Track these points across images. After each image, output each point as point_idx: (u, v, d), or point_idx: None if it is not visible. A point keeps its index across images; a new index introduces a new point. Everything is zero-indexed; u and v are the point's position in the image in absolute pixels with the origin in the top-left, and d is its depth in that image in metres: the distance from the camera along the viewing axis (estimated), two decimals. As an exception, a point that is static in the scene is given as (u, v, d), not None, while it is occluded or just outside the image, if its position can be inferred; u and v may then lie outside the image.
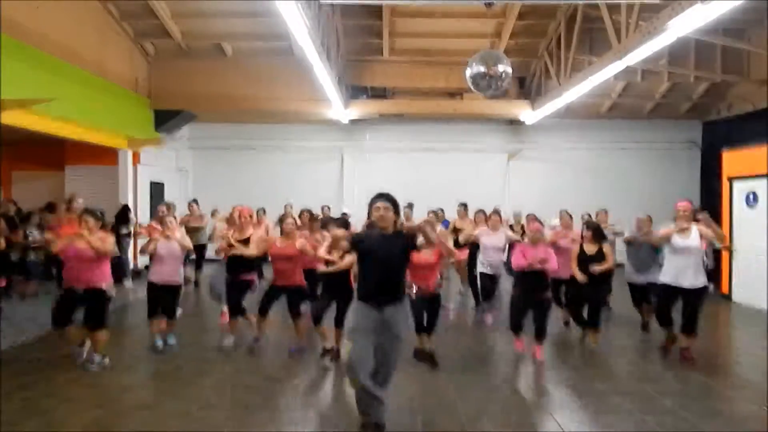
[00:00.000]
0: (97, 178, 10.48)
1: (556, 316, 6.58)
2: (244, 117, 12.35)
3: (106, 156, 10.15)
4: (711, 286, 5.57)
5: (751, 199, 8.31)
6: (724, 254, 8.87)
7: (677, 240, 5.10)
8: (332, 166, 13.24)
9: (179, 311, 5.78)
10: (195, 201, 9.43)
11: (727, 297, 8.68)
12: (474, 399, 4.34)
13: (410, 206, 8.68)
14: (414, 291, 5.04)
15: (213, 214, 8.98)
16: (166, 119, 10.96)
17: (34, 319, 6.76)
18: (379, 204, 3.58)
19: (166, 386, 4.64)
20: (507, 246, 6.79)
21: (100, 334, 4.92)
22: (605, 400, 4.35)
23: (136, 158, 10.54)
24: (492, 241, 6.72)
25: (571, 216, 6.98)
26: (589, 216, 7.93)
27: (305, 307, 5.62)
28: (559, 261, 5.87)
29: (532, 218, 7.00)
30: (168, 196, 11.31)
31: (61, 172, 10.67)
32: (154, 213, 7.58)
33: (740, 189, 8.56)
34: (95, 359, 4.95)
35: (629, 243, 6.27)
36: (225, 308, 5.98)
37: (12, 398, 4.20)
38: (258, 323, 5.56)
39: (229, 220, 6.57)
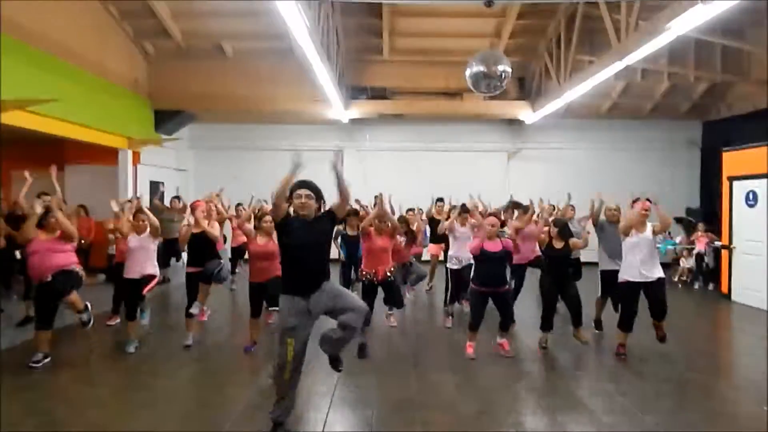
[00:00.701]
0: (97, 178, 10.49)
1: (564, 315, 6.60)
2: (244, 117, 12.36)
3: (106, 156, 10.15)
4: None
5: (751, 199, 8.31)
6: (724, 254, 8.88)
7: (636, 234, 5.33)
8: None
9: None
10: (178, 197, 9.40)
11: (727, 297, 8.68)
12: (474, 399, 4.34)
13: (440, 200, 8.93)
14: (366, 277, 5.14)
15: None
16: (166, 119, 10.98)
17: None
18: (301, 191, 3.62)
19: (165, 386, 4.64)
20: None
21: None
22: (605, 400, 4.35)
23: (136, 158, 10.54)
24: (463, 234, 6.64)
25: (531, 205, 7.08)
26: (552, 206, 7.70)
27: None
28: (524, 247, 6.10)
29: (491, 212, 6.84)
30: (168, 196, 11.30)
31: (61, 172, 10.64)
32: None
33: (740, 189, 8.56)
34: (84, 317, 5.36)
35: (596, 226, 6.18)
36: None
37: (12, 398, 4.20)
38: (254, 327, 5.53)
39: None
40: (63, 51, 8.00)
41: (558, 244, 5.61)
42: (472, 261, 5.65)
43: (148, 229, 5.53)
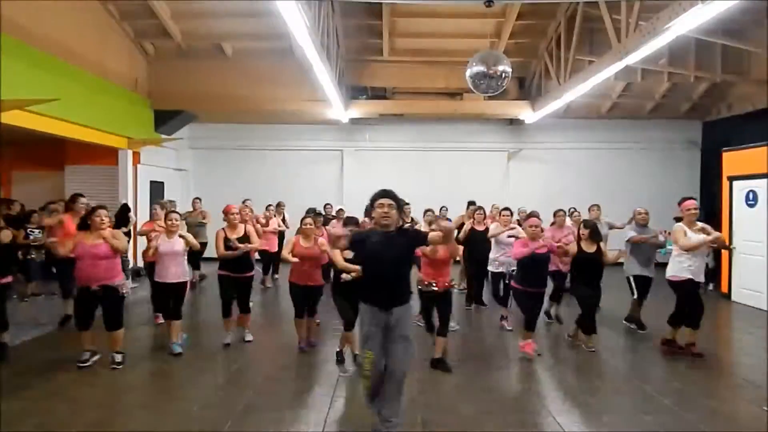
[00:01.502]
0: (97, 178, 10.49)
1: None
2: (244, 117, 12.36)
3: (106, 156, 10.15)
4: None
5: (751, 199, 8.31)
6: (724, 254, 8.88)
7: (694, 238, 5.26)
8: (332, 166, 13.24)
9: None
10: (198, 198, 9.48)
11: (727, 297, 8.68)
12: (474, 399, 4.34)
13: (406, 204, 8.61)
14: (425, 287, 5.04)
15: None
16: (166, 119, 10.97)
17: (34, 319, 6.78)
18: (383, 201, 3.44)
19: (166, 386, 4.64)
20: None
21: (117, 334, 5.04)
22: (605, 400, 4.36)
23: (136, 158, 10.54)
24: (504, 237, 6.66)
25: (565, 213, 6.99)
26: (576, 211, 7.86)
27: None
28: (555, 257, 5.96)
29: (531, 214, 6.97)
30: (168, 196, 11.32)
31: (61, 172, 10.68)
32: (152, 214, 7.59)
33: (740, 189, 8.56)
34: (118, 359, 5.02)
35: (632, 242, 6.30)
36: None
37: (12, 398, 4.20)
38: (301, 326, 5.54)
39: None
40: (63, 51, 7.99)
41: (589, 247, 5.61)
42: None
43: (178, 236, 5.49)
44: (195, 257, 9.16)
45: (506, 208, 6.96)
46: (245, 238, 5.65)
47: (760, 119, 9.81)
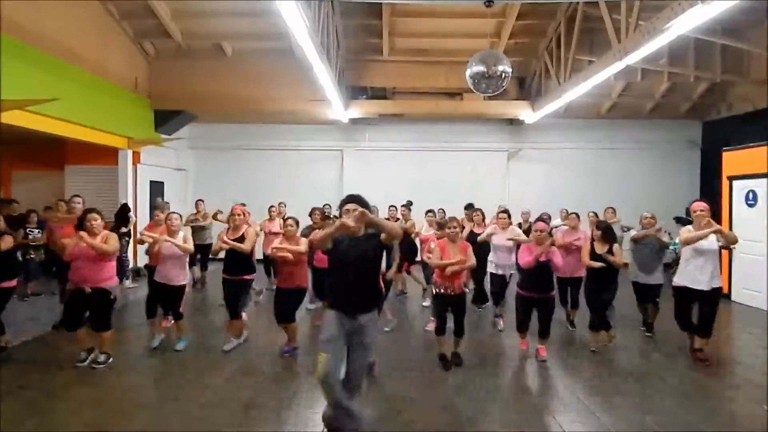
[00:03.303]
0: (97, 178, 10.51)
1: (559, 317, 6.60)
2: (244, 117, 12.36)
3: (106, 156, 10.16)
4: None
5: (751, 199, 8.31)
6: (724, 254, 8.86)
7: (702, 242, 5.11)
8: (332, 166, 13.24)
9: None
10: (201, 200, 9.49)
11: (727, 297, 8.67)
12: (474, 399, 4.34)
13: (409, 204, 8.60)
14: (439, 290, 5.04)
15: (215, 215, 9.07)
16: (166, 119, 10.98)
17: (34, 319, 6.78)
18: (349, 207, 3.41)
19: (166, 386, 4.64)
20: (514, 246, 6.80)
21: (104, 335, 5.04)
22: (605, 400, 4.35)
23: (136, 158, 10.54)
24: (502, 240, 6.67)
25: (578, 216, 6.93)
26: (596, 215, 7.93)
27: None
28: (568, 261, 5.89)
29: (541, 218, 7.00)
30: (168, 196, 11.33)
31: (61, 172, 10.68)
32: (154, 215, 7.59)
33: (740, 188, 8.56)
34: (101, 358, 5.02)
35: (636, 241, 6.26)
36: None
37: (12, 398, 4.20)
38: (292, 330, 5.52)
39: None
40: (63, 51, 8.00)
41: (602, 249, 5.60)
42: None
43: (180, 236, 5.50)
44: (203, 257, 9.19)
45: (504, 210, 6.93)
46: (240, 239, 5.59)
47: (760, 119, 9.81)
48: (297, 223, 5.54)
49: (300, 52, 7.26)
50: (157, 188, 11.31)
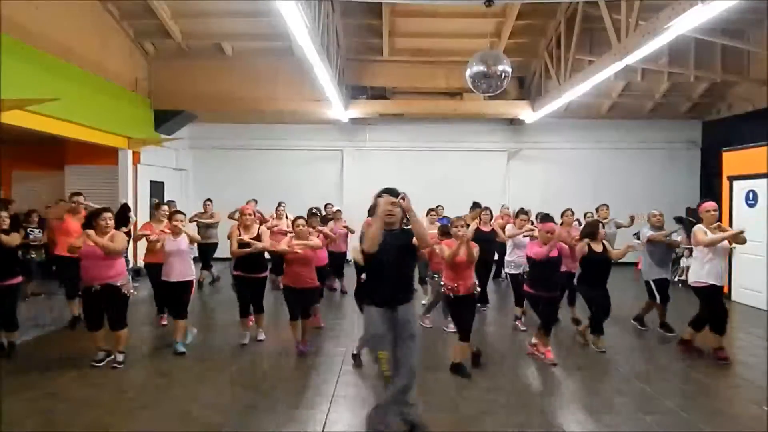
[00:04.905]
0: (97, 178, 10.49)
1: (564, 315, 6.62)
2: (244, 117, 12.35)
3: (106, 156, 10.15)
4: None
5: (751, 199, 8.31)
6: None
7: (716, 235, 5.24)
8: (332, 166, 13.24)
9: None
10: (209, 200, 9.52)
11: (727, 297, 8.66)
12: (474, 399, 4.34)
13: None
14: (447, 291, 5.00)
15: (231, 216, 9.08)
16: (166, 119, 10.97)
17: (34, 318, 6.78)
18: (387, 198, 3.39)
19: (166, 386, 4.64)
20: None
21: (120, 333, 5.09)
22: (605, 400, 4.36)
23: (136, 158, 10.54)
24: (523, 239, 6.66)
25: (573, 213, 6.97)
26: (592, 215, 7.93)
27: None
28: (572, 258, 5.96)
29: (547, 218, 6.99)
30: (168, 196, 11.33)
31: (61, 172, 10.68)
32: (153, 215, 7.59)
33: (740, 188, 8.55)
34: (119, 358, 5.06)
35: (651, 242, 6.29)
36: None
37: (12, 398, 4.20)
38: (296, 328, 5.54)
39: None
40: (63, 51, 7.99)
41: (597, 247, 5.61)
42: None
43: (184, 234, 5.52)
44: (206, 257, 9.21)
45: (522, 211, 7.00)
46: (258, 239, 5.66)
47: (760, 119, 9.80)
48: (306, 222, 5.62)
49: (300, 52, 7.26)
50: (157, 188, 11.31)
